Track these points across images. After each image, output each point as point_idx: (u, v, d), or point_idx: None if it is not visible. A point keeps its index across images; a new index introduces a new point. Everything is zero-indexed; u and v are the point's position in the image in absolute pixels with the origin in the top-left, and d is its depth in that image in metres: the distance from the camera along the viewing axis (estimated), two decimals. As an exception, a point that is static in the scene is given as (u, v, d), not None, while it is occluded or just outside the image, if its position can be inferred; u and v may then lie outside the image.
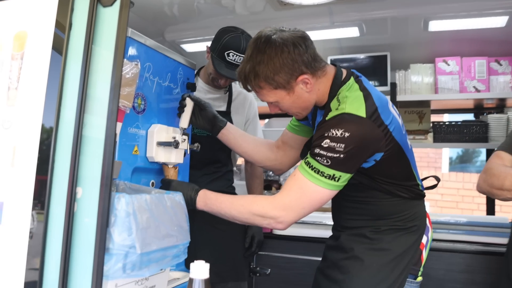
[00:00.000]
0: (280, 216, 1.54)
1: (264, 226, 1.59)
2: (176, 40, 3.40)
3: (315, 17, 2.96)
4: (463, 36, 3.02)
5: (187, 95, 1.90)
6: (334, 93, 1.60)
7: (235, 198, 1.65)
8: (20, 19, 1.27)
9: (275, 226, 1.57)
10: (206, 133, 2.26)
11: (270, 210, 1.54)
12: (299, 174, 1.54)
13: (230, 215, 1.60)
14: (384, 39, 3.20)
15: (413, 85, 3.26)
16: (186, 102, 1.88)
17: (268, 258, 2.77)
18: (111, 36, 1.15)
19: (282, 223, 1.55)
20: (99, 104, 1.14)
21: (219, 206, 1.61)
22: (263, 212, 1.55)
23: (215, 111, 1.96)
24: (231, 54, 2.18)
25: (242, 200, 1.62)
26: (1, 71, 1.26)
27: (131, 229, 1.15)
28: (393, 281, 1.60)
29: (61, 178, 1.12)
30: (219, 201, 1.61)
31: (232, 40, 2.20)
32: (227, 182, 2.53)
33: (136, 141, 1.67)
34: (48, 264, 1.11)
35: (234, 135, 1.98)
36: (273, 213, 1.54)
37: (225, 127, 1.95)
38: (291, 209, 1.54)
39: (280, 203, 1.55)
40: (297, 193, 1.54)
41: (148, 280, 1.32)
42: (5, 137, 1.21)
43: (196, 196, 1.62)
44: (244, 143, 1.99)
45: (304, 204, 1.54)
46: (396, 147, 1.56)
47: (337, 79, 1.62)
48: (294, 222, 1.57)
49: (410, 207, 1.67)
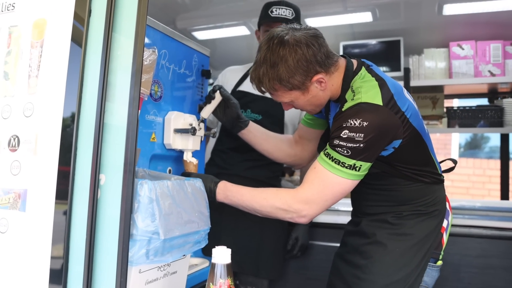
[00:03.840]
0: (303, 209, 1.53)
1: (286, 219, 1.58)
2: (188, 28, 3.39)
3: (328, 3, 2.93)
4: (478, 19, 2.98)
5: (219, 87, 1.90)
6: (347, 85, 1.60)
7: (257, 191, 1.63)
8: (39, 6, 1.27)
9: (298, 220, 1.56)
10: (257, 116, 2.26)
11: (293, 203, 1.53)
12: (319, 166, 1.53)
13: (251, 208, 1.59)
14: (397, 24, 3.17)
15: (426, 70, 3.23)
16: (215, 95, 1.88)
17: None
18: (131, 22, 1.15)
19: (305, 216, 1.54)
20: (120, 91, 1.14)
21: (240, 198, 1.60)
22: (286, 206, 1.54)
23: (240, 112, 1.96)
24: (274, 9, 2.26)
25: (264, 193, 1.61)
26: (21, 60, 1.27)
27: (154, 215, 1.15)
28: (415, 265, 1.60)
29: (84, 165, 1.12)
30: (240, 194, 1.60)
31: (271, 2, 2.32)
32: (268, 172, 2.34)
33: (153, 128, 1.68)
34: (73, 251, 1.12)
35: (254, 134, 1.98)
36: (296, 207, 1.53)
37: (246, 127, 1.95)
38: (314, 202, 1.53)
39: (302, 196, 1.54)
40: (319, 186, 1.53)
41: (170, 266, 1.33)
42: (27, 125, 1.22)
43: (216, 188, 1.61)
44: (264, 142, 1.99)
45: (326, 197, 1.53)
46: (414, 133, 1.55)
47: (349, 71, 1.61)
48: (317, 215, 1.56)
49: (431, 192, 1.66)
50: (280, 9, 2.26)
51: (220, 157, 2.32)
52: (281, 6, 2.27)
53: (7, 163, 1.23)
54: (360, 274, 1.64)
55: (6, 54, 1.30)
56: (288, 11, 2.26)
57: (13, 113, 1.25)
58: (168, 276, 1.33)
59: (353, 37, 3.45)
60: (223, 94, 1.89)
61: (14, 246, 1.18)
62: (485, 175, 7.87)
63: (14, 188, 1.21)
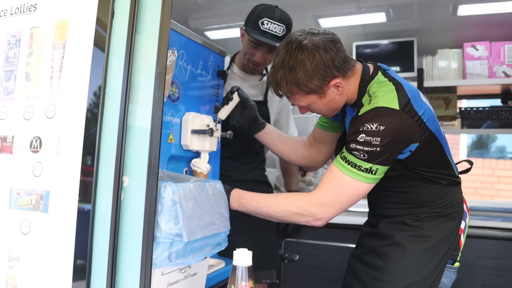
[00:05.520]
0: (319, 212, 1.53)
1: (302, 223, 1.58)
2: (200, 27, 3.39)
3: (341, 3, 2.92)
4: (493, 20, 2.97)
5: (237, 88, 1.90)
6: (364, 90, 1.60)
7: (271, 197, 1.65)
8: (61, 7, 1.27)
9: (314, 223, 1.56)
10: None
11: (309, 207, 1.54)
12: (335, 169, 1.53)
13: (267, 214, 1.60)
14: (411, 24, 3.16)
15: (440, 70, 3.21)
16: (233, 96, 1.87)
17: (297, 245, 2.77)
18: (154, 23, 1.15)
19: (321, 219, 1.55)
20: (143, 93, 1.14)
21: (255, 205, 1.60)
22: (302, 209, 1.54)
23: (257, 113, 1.96)
24: (266, 22, 2.12)
25: (279, 199, 1.61)
26: (43, 61, 1.27)
27: (177, 218, 1.15)
28: (434, 267, 1.60)
29: (108, 167, 1.12)
30: (255, 200, 1.61)
31: (265, 9, 2.16)
32: (261, 171, 2.52)
33: (171, 129, 1.68)
34: (96, 253, 1.12)
35: (270, 136, 1.98)
36: (312, 210, 1.53)
37: (263, 129, 1.96)
38: (329, 205, 1.53)
39: (318, 199, 1.54)
40: (335, 189, 1.53)
41: (190, 268, 1.33)
42: (49, 127, 1.22)
43: (229, 195, 1.61)
44: (280, 143, 2.00)
45: (342, 200, 1.53)
46: (430, 136, 1.56)
47: (365, 76, 1.62)
48: (332, 218, 1.56)
49: (449, 194, 1.66)
50: (271, 24, 2.13)
51: None
52: (273, 21, 2.13)
53: (29, 164, 1.23)
54: (378, 275, 1.64)
55: (28, 55, 1.30)
56: (280, 28, 2.12)
57: (35, 114, 1.25)
58: (188, 278, 1.33)
59: (366, 37, 3.44)
60: (241, 96, 1.88)
61: (36, 247, 1.19)
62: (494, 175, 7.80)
63: (36, 190, 1.21)
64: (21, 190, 1.24)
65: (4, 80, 1.33)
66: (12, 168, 1.27)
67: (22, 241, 1.21)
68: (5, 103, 1.31)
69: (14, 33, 1.34)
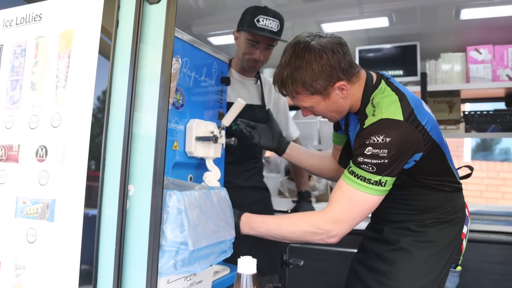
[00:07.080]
0: (332, 229, 1.53)
1: (316, 241, 1.57)
2: (203, 33, 3.40)
3: (344, 8, 2.93)
4: (496, 23, 2.97)
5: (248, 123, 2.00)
6: (367, 99, 1.62)
7: (282, 218, 1.64)
8: (66, 17, 1.27)
9: (328, 241, 1.56)
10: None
11: (322, 224, 1.53)
12: (345, 185, 1.53)
13: (279, 236, 1.59)
14: (414, 29, 3.17)
15: (443, 74, 3.21)
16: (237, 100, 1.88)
17: (301, 250, 2.77)
18: (158, 33, 1.15)
19: (335, 236, 1.54)
20: (148, 101, 1.15)
21: (267, 228, 1.60)
22: (315, 228, 1.54)
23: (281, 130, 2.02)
24: (261, 19, 2.22)
25: (291, 219, 1.61)
26: (48, 70, 1.27)
27: (183, 226, 1.15)
28: (439, 272, 1.61)
29: (113, 176, 1.13)
30: (266, 223, 1.61)
31: (258, 8, 2.27)
32: (261, 177, 2.58)
33: (175, 136, 1.68)
34: (102, 261, 1.12)
35: (296, 152, 2.04)
36: (326, 228, 1.53)
37: (290, 147, 2.02)
38: (343, 221, 1.53)
39: (330, 216, 1.53)
40: (346, 204, 1.53)
41: (195, 276, 1.33)
42: (55, 136, 1.22)
43: (239, 221, 1.61)
44: (310, 157, 2.05)
45: (355, 214, 1.53)
46: (433, 145, 1.57)
47: (368, 85, 1.64)
48: (346, 234, 1.56)
49: (452, 200, 1.67)
50: (267, 20, 2.23)
51: None
52: (268, 17, 2.24)
53: (35, 173, 1.23)
54: (384, 280, 1.64)
55: (33, 65, 1.31)
56: (275, 23, 2.24)
57: (41, 123, 1.26)
58: (194, 285, 1.33)
59: (369, 42, 3.44)
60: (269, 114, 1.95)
61: (42, 256, 1.19)
62: (499, 178, 7.78)
63: (42, 198, 1.21)
64: (27, 199, 1.24)
65: (10, 90, 1.34)
66: (18, 176, 1.27)
67: (28, 249, 1.21)
68: (11, 112, 1.32)
69: (20, 43, 1.34)
